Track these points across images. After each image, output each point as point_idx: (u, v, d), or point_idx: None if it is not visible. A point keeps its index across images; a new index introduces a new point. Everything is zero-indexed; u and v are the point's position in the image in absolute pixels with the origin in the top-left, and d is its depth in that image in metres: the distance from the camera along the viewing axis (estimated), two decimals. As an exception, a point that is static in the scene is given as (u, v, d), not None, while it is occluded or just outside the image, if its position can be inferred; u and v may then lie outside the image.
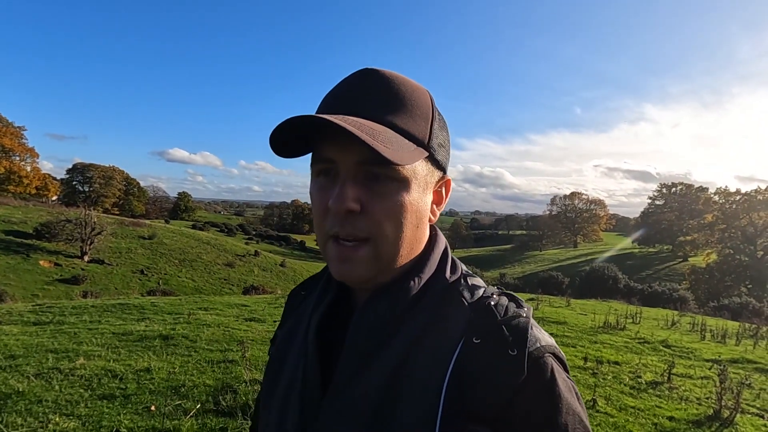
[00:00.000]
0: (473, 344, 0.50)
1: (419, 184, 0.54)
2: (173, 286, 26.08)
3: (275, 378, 0.63)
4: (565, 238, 70.38)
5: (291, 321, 0.67)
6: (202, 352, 4.77)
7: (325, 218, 0.53)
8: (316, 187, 0.55)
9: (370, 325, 0.54)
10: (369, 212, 0.51)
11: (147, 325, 6.15)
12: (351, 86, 0.54)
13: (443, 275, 0.57)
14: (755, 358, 6.47)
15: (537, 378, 0.49)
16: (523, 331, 0.50)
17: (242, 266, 37.35)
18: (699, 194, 54.09)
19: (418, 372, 0.50)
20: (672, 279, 36.90)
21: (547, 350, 0.51)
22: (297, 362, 0.59)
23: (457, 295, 0.55)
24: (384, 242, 0.52)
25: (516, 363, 0.48)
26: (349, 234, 0.51)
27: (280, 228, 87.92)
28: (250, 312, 7.87)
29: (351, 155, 0.50)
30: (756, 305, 20.38)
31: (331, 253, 0.53)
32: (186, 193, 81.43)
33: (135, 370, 3.97)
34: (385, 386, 0.50)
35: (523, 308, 0.54)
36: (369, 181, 0.52)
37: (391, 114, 0.52)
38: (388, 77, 0.54)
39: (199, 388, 3.59)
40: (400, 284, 0.55)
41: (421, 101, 0.55)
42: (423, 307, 0.54)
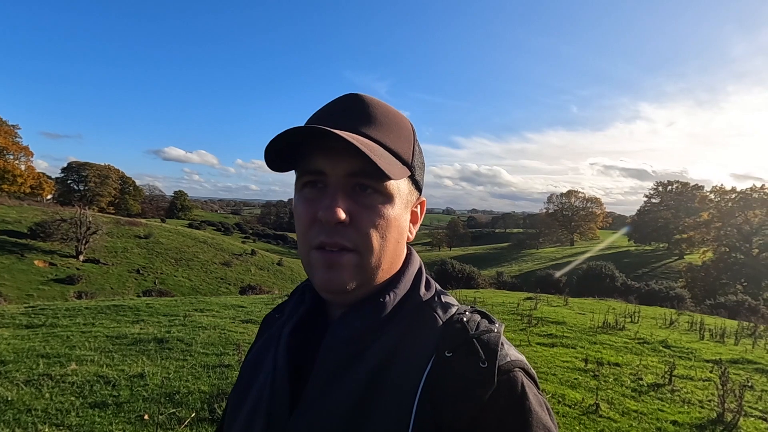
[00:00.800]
0: (445, 357, 0.51)
1: (402, 200, 0.57)
2: (170, 285, 25.95)
3: (242, 395, 0.62)
4: (562, 236, 70.51)
5: (262, 340, 0.67)
6: (197, 356, 4.68)
7: (310, 229, 0.54)
8: (301, 199, 0.56)
9: (343, 340, 0.54)
10: (356, 224, 0.53)
11: (142, 328, 6.06)
12: (338, 107, 0.57)
13: (417, 292, 0.59)
14: (755, 359, 6.43)
15: (508, 391, 0.49)
16: (494, 344, 0.51)
17: (239, 265, 37.26)
18: (695, 192, 54.29)
19: (390, 386, 0.50)
20: (668, 277, 37.02)
21: (517, 365, 0.52)
22: (265, 379, 0.58)
23: (430, 312, 0.57)
24: (369, 254, 0.54)
25: (486, 375, 0.49)
26: (335, 243, 0.52)
27: (278, 227, 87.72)
28: (247, 313, 7.79)
29: (341, 167, 0.52)
30: (752, 303, 20.45)
31: (315, 261, 0.54)
32: (182, 192, 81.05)
33: (128, 375, 3.88)
34: (356, 401, 0.50)
35: (495, 324, 0.55)
36: (357, 194, 0.54)
37: (379, 132, 0.55)
38: (372, 101, 0.58)
39: (194, 394, 3.51)
40: (375, 300, 0.56)
41: (404, 124, 0.59)
42: (396, 323, 0.55)
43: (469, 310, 0.58)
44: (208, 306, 8.48)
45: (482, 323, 0.55)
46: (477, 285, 22.35)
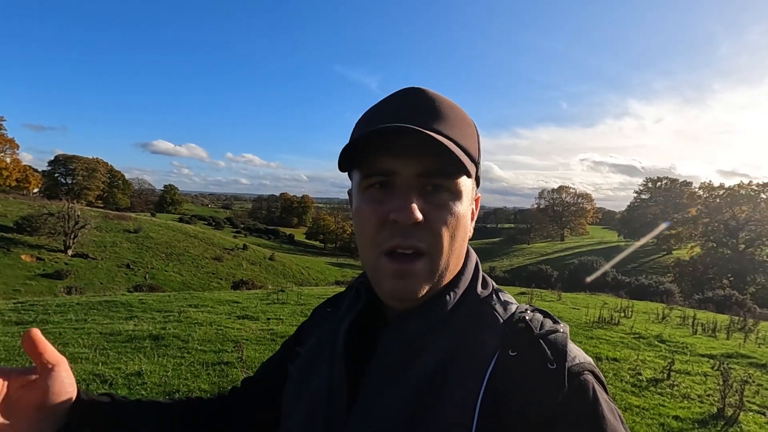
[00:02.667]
0: (509, 357, 0.49)
1: (468, 198, 0.55)
2: (160, 280, 25.69)
3: (298, 395, 0.60)
4: (553, 231, 71.17)
5: (315, 337, 0.65)
6: (195, 353, 4.60)
7: (380, 232, 0.51)
8: (368, 200, 0.53)
9: (402, 339, 0.53)
10: (430, 224, 0.51)
11: (136, 324, 5.95)
12: (403, 102, 0.54)
13: (475, 291, 0.57)
14: (748, 353, 6.53)
15: (579, 397, 0.47)
16: (562, 345, 0.49)
17: (231, 260, 37.03)
18: (683, 188, 55.09)
19: (450, 387, 0.49)
20: (657, 272, 37.60)
21: (587, 367, 0.49)
22: (322, 378, 0.57)
23: (489, 311, 0.55)
24: (440, 255, 0.52)
25: (556, 378, 0.46)
26: (411, 245, 0.50)
27: (269, 221, 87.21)
28: (242, 309, 7.71)
29: (413, 166, 0.50)
30: (739, 297, 20.86)
31: (384, 269, 0.51)
32: (172, 186, 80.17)
33: (125, 374, 3.79)
34: (416, 399, 0.49)
35: (560, 324, 0.53)
36: (427, 193, 0.52)
37: (450, 129, 0.52)
38: (438, 95, 0.55)
39: (195, 393, 3.43)
40: (436, 300, 0.54)
41: (469, 120, 0.57)
42: (455, 323, 0.54)
43: (530, 308, 0.56)
44: (203, 301, 8.38)
45: (546, 323, 0.52)
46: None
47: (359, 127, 0.56)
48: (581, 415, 0.46)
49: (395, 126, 0.49)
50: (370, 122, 0.54)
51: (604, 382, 0.51)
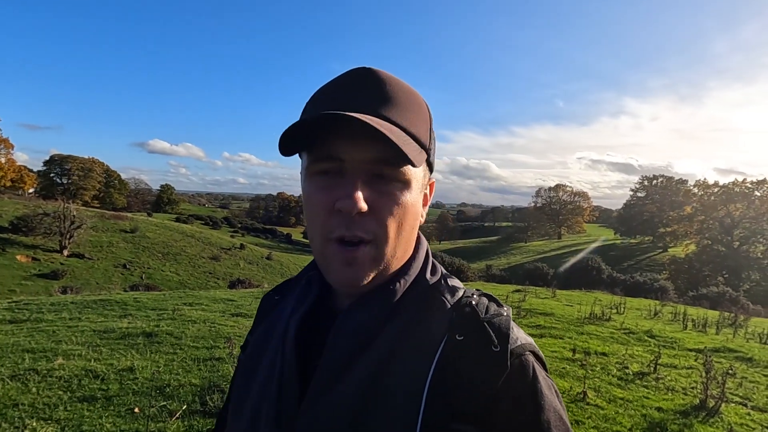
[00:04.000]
0: (456, 341, 0.50)
1: (418, 185, 0.55)
2: (157, 280, 25.65)
3: (246, 385, 0.60)
4: (550, 229, 71.34)
5: (264, 326, 0.64)
6: (187, 349, 4.64)
7: (328, 220, 0.51)
8: (315, 187, 0.52)
9: (352, 329, 0.52)
10: (376, 213, 0.50)
11: (130, 322, 5.99)
12: (350, 85, 0.53)
13: (424, 277, 0.58)
14: (736, 347, 6.61)
15: (520, 376, 0.49)
16: (506, 328, 0.51)
17: (228, 259, 36.97)
18: (679, 186, 55.31)
19: (400, 372, 0.49)
20: (653, 269, 37.75)
21: (527, 348, 0.52)
22: (272, 368, 0.56)
23: (438, 296, 0.56)
24: (385, 245, 0.52)
25: (499, 359, 0.49)
26: (355, 236, 0.50)
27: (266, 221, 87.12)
28: (237, 307, 7.74)
29: (362, 153, 0.50)
30: (733, 294, 20.99)
31: (332, 256, 0.52)
32: (169, 186, 79.88)
33: (117, 369, 3.83)
34: (366, 389, 0.49)
35: (503, 308, 0.55)
36: (375, 182, 0.51)
37: (398, 113, 0.51)
38: (386, 78, 0.53)
39: (186, 387, 3.49)
40: (384, 289, 0.54)
41: (420, 103, 0.55)
42: (405, 310, 0.54)
43: (477, 293, 0.57)
44: (197, 300, 8.41)
45: (491, 306, 0.54)
46: (466, 278, 22.52)
47: (307, 108, 0.54)
48: (522, 393, 0.49)
49: (341, 114, 0.46)
50: (318, 104, 0.53)
51: (544, 360, 0.54)
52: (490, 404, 0.47)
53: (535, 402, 0.48)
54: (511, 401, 0.48)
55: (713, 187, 42.89)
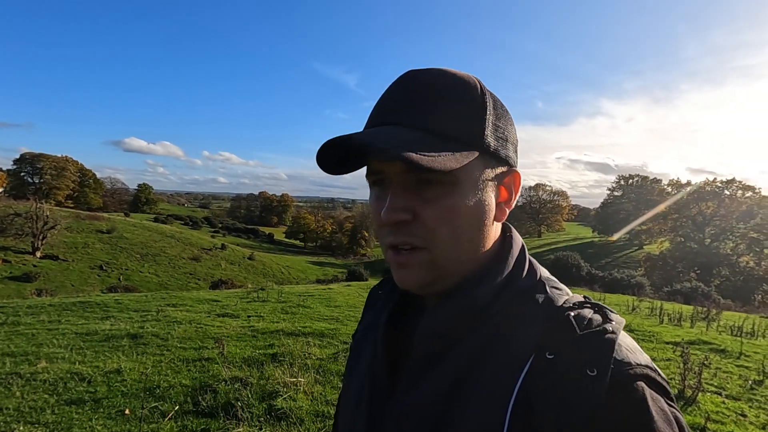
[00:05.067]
0: (545, 360, 0.45)
1: (473, 184, 0.51)
2: (136, 281, 25.07)
3: (352, 372, 0.64)
4: (530, 228, 72.59)
5: (368, 317, 0.68)
6: (174, 350, 4.58)
7: (381, 229, 0.53)
8: (372, 198, 0.55)
9: (437, 330, 0.51)
10: (421, 220, 0.49)
11: (113, 324, 5.86)
12: (392, 94, 0.53)
13: (518, 280, 0.53)
14: (710, 339, 6.90)
15: (622, 406, 0.41)
16: (606, 348, 0.43)
17: (209, 260, 36.40)
18: (653, 185, 57.11)
19: (484, 382, 0.47)
20: (629, 266, 38.85)
21: (638, 373, 0.43)
22: (368, 362, 0.60)
23: (533, 302, 0.51)
24: (440, 249, 0.50)
25: (594, 385, 0.41)
26: (404, 242, 0.50)
27: (248, 221, 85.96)
28: (222, 307, 7.66)
29: (396, 165, 0.50)
30: (705, 289, 21.82)
31: (390, 260, 0.53)
32: (147, 185, 78.13)
33: (104, 371, 3.76)
34: (449, 393, 0.48)
35: (611, 322, 0.46)
36: (419, 188, 0.50)
37: (433, 119, 0.49)
38: (429, 79, 0.51)
39: (176, 388, 3.45)
40: (467, 289, 0.52)
41: (468, 97, 0.51)
42: (494, 313, 0.51)
43: (580, 302, 0.50)
44: (181, 301, 8.28)
45: (594, 319, 0.47)
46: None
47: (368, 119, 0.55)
48: (620, 425, 0.41)
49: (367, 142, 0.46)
50: (371, 114, 0.54)
51: (665, 385, 0.45)
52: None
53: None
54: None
55: (686, 186, 44.42)
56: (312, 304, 8.33)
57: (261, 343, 4.99)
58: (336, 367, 4.11)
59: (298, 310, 7.58)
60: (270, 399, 3.18)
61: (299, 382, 3.36)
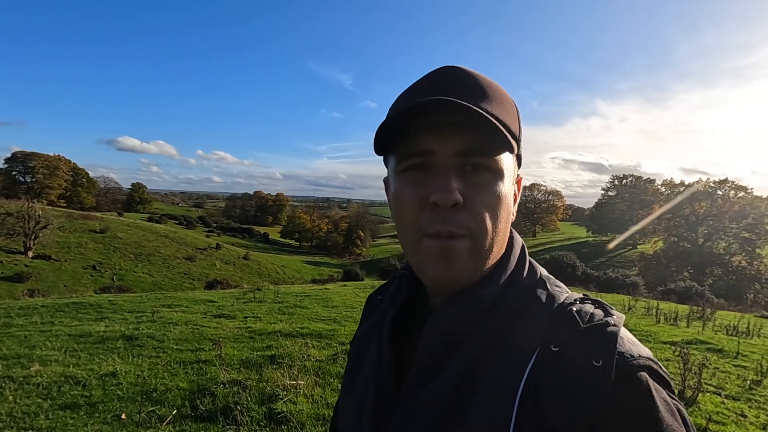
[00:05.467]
0: (551, 352, 0.45)
1: (510, 177, 0.52)
2: (129, 281, 24.85)
3: (353, 377, 0.63)
4: (525, 227, 72.85)
5: (368, 323, 0.67)
6: (171, 352, 4.51)
7: (420, 215, 0.50)
8: (407, 182, 0.51)
9: (443, 329, 0.51)
10: (470, 206, 0.49)
11: (107, 326, 5.78)
12: (438, 78, 0.52)
13: (521, 278, 0.54)
14: (706, 339, 6.92)
15: (629, 396, 0.42)
16: (610, 340, 0.44)
17: (203, 260, 36.21)
18: (647, 186, 57.51)
19: (490, 379, 0.47)
20: (623, 266, 39.12)
21: (641, 364, 0.44)
22: (373, 363, 0.58)
23: (535, 300, 0.52)
24: (483, 238, 0.50)
25: (601, 376, 0.42)
26: (450, 231, 0.48)
27: (243, 220, 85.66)
28: (218, 308, 7.58)
29: (451, 145, 0.48)
30: (698, 288, 21.97)
31: (428, 250, 0.49)
32: (140, 184, 77.44)
33: (99, 375, 3.69)
34: (455, 392, 0.48)
35: (612, 316, 0.48)
36: (467, 173, 0.49)
37: (490, 104, 0.50)
38: (474, 72, 0.53)
39: (173, 392, 3.38)
40: (476, 288, 0.52)
41: (508, 97, 0.54)
42: (499, 312, 0.51)
43: (581, 298, 0.51)
44: (176, 301, 8.19)
45: (597, 314, 0.48)
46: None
47: (395, 107, 0.54)
48: (631, 416, 0.42)
49: (434, 99, 0.46)
50: (406, 100, 0.52)
51: (667, 378, 0.46)
52: (592, 426, 0.41)
53: (649, 427, 0.41)
54: (618, 425, 0.41)
55: (679, 186, 44.76)
56: (309, 304, 8.27)
57: (259, 345, 4.93)
58: (335, 368, 4.06)
59: (295, 311, 7.52)
60: (270, 402, 3.13)
61: (299, 385, 3.31)
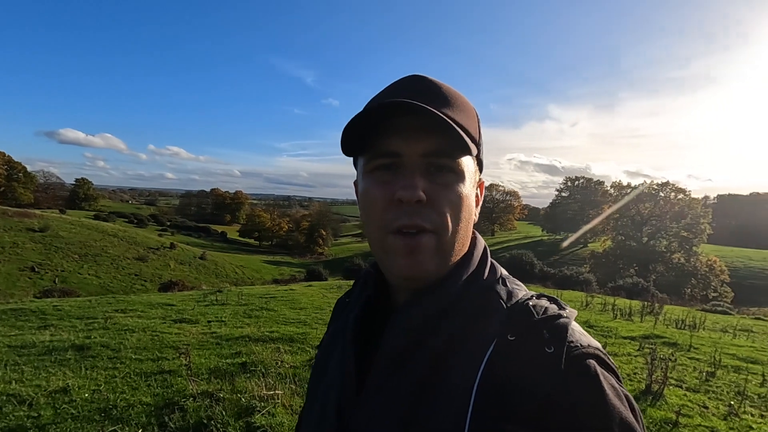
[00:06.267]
0: (507, 342, 0.48)
1: (471, 179, 0.56)
2: (73, 284, 23.17)
3: (318, 380, 0.64)
4: (484, 226, 74.84)
5: (334, 326, 0.69)
6: (129, 363, 4.15)
7: (387, 212, 0.53)
8: (374, 182, 0.54)
9: (407, 326, 0.53)
10: (434, 203, 0.52)
11: (53, 334, 5.27)
12: (405, 85, 0.56)
13: (481, 277, 0.57)
14: (661, 333, 7.31)
15: (579, 381, 0.45)
16: (562, 329, 0.48)
17: (156, 260, 34.51)
18: (597, 187, 60.74)
19: (451, 372, 0.49)
20: (576, 263, 41.00)
21: (589, 352, 0.48)
22: (335, 368, 0.60)
23: (495, 297, 0.54)
24: (446, 234, 0.53)
25: (552, 361, 0.46)
26: (415, 225, 0.51)
27: (199, 219, 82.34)
28: (178, 312, 7.15)
29: (417, 147, 0.52)
30: (644, 284, 23.41)
31: (394, 246, 0.52)
32: (85, 180, 72.53)
33: (48, 391, 3.31)
34: (418, 387, 0.50)
35: (565, 309, 0.52)
36: (432, 174, 0.53)
37: (451, 110, 0.54)
38: (439, 82, 0.57)
39: (136, 408, 3.09)
40: (438, 286, 0.54)
41: (469, 104, 0.59)
42: (460, 309, 0.54)
43: (536, 295, 0.55)
44: (131, 305, 7.65)
45: (550, 308, 0.51)
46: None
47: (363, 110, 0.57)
48: (581, 400, 0.44)
49: (401, 102, 0.50)
50: (374, 104, 0.54)
51: (614, 367, 0.50)
52: (543, 408, 0.44)
53: (598, 411, 0.44)
54: (569, 407, 0.44)
55: (626, 188, 47.53)
56: (275, 306, 7.99)
57: (227, 352, 4.65)
58: (312, 375, 3.89)
59: (262, 314, 7.23)
60: (247, 416, 2.91)
61: (277, 395, 3.12)
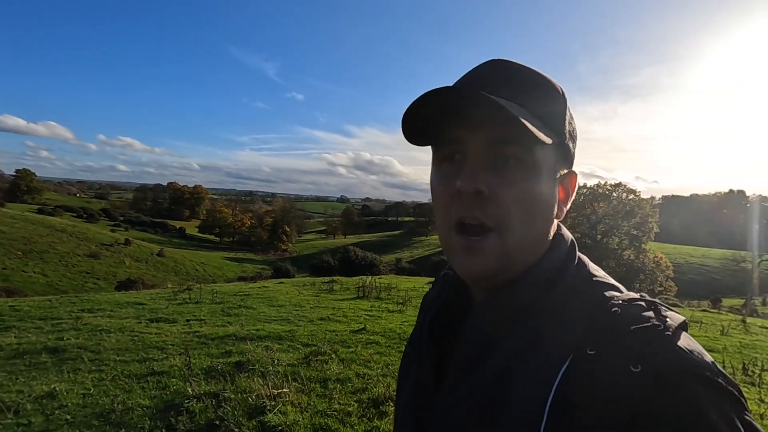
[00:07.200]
0: (586, 356, 0.43)
1: (549, 174, 0.51)
2: (17, 283, 21.59)
3: (405, 376, 0.64)
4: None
5: (421, 320, 0.67)
6: (114, 365, 3.94)
7: (449, 206, 0.50)
8: (439, 175, 0.53)
9: (482, 327, 0.51)
10: (497, 198, 0.48)
11: (17, 336, 4.90)
12: (481, 72, 0.53)
13: (564, 278, 0.51)
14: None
15: (670, 408, 0.38)
16: (653, 343, 0.40)
17: (110, 257, 32.80)
18: (555, 187, 63.57)
19: (524, 379, 0.46)
20: (536, 260, 42.82)
21: (691, 371, 0.39)
22: (418, 362, 0.60)
23: (577, 300, 0.49)
24: (511, 233, 0.49)
25: (638, 381, 0.39)
26: (475, 218, 0.48)
27: (156, 214, 78.66)
28: (151, 311, 6.84)
29: (481, 135, 0.48)
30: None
31: (455, 244, 0.50)
32: (28, 171, 67.43)
33: (33, 397, 3.08)
34: (491, 390, 0.47)
35: (666, 318, 0.43)
36: (498, 166, 0.49)
37: (526, 96, 0.50)
38: (520, 64, 0.54)
39: (136, 411, 2.94)
40: (518, 284, 0.50)
41: (554, 89, 0.53)
42: (536, 313, 0.49)
43: (632, 299, 0.47)
44: (97, 305, 7.22)
45: (645, 316, 0.43)
46: (379, 271, 22.96)
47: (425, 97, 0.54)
48: (666, 425, 0.38)
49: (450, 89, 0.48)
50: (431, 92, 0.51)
51: (732, 391, 0.40)
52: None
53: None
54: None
55: (583, 188, 49.96)
56: (253, 304, 7.81)
57: (215, 351, 4.51)
58: (311, 372, 3.84)
59: (241, 312, 7.04)
60: (258, 415, 2.84)
61: (284, 394, 3.07)
